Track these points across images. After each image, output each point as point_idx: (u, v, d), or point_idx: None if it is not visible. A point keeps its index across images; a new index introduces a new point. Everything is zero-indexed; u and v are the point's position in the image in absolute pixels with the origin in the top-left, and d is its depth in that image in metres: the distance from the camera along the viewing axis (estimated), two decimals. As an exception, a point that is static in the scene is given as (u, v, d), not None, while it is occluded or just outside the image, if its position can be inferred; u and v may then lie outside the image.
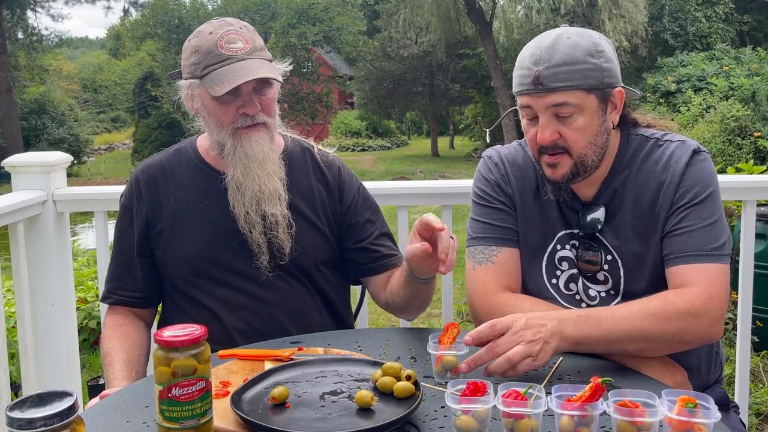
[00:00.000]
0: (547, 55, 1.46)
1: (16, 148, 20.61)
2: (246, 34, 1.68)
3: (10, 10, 25.61)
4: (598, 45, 1.49)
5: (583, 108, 1.48)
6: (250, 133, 1.68)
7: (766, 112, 12.57)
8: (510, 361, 1.29)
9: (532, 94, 1.48)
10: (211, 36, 1.65)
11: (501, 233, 1.64)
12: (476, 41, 25.40)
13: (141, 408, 1.24)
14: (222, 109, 1.66)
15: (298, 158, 1.83)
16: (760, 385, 3.41)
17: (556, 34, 1.50)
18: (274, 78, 1.65)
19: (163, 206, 1.76)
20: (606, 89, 1.49)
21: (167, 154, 1.84)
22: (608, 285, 1.57)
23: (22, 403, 0.88)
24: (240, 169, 1.68)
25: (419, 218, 1.45)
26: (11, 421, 0.84)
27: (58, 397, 0.89)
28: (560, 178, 1.53)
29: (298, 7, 26.41)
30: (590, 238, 1.57)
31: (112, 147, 38.35)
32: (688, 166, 1.51)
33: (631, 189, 1.55)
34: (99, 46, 79.39)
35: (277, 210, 1.70)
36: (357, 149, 29.76)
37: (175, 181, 1.77)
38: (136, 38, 34.63)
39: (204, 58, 1.64)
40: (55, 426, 0.85)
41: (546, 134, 1.49)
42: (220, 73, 1.62)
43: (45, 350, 2.51)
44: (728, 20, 22.30)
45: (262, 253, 1.71)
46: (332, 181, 1.83)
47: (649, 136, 1.60)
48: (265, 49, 1.72)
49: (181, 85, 1.72)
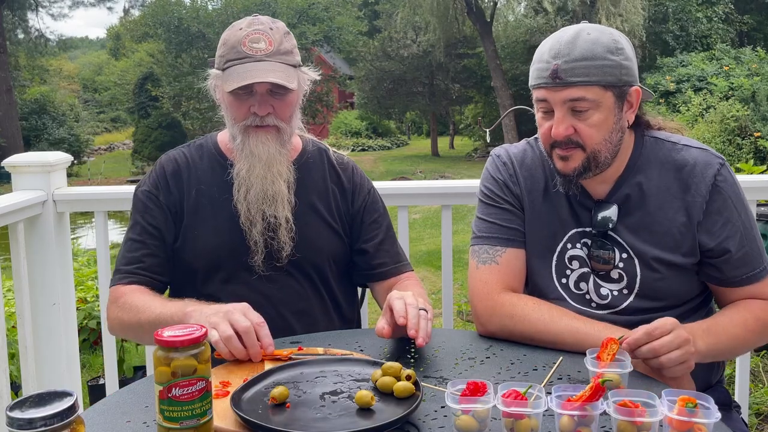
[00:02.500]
0: (566, 49, 1.46)
1: (17, 148, 20.62)
2: (273, 36, 1.69)
3: (10, 10, 25.60)
4: (618, 42, 1.49)
5: (600, 104, 1.47)
6: (258, 133, 1.70)
7: (766, 112, 12.57)
8: (672, 361, 1.33)
9: (549, 87, 1.48)
10: (240, 32, 1.69)
11: (506, 233, 1.63)
12: (476, 41, 25.40)
13: (141, 408, 1.24)
14: (236, 104, 1.69)
15: (316, 159, 1.85)
16: (760, 385, 3.41)
17: (577, 30, 1.50)
18: (279, 82, 1.64)
19: (185, 198, 1.77)
20: (623, 87, 1.49)
21: (190, 147, 1.85)
22: (622, 283, 1.57)
23: (22, 403, 0.88)
24: (245, 166, 1.70)
25: (389, 296, 1.45)
26: (11, 421, 0.84)
27: (58, 397, 0.89)
28: (571, 171, 1.53)
29: (298, 7, 26.41)
30: (603, 236, 1.57)
31: (112, 147, 38.35)
32: (717, 178, 1.53)
33: (652, 191, 1.56)
34: (99, 46, 79.39)
35: (279, 212, 1.70)
36: (357, 149, 29.75)
37: (197, 174, 1.79)
38: (136, 38, 34.63)
39: (228, 52, 1.69)
40: (55, 426, 0.85)
41: (561, 129, 1.49)
42: (236, 70, 1.66)
43: (45, 350, 2.51)
44: (728, 20, 22.31)
45: (257, 251, 1.71)
46: (346, 182, 1.86)
47: (663, 138, 1.60)
48: (292, 54, 1.73)
49: (210, 73, 1.76)
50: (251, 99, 1.68)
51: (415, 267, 1.94)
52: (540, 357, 1.44)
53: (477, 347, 1.50)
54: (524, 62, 24.60)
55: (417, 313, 1.40)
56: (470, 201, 2.77)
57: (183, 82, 25.75)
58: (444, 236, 2.51)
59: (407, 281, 1.81)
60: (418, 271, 1.95)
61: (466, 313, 5.56)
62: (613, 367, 1.24)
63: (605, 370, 1.23)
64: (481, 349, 1.50)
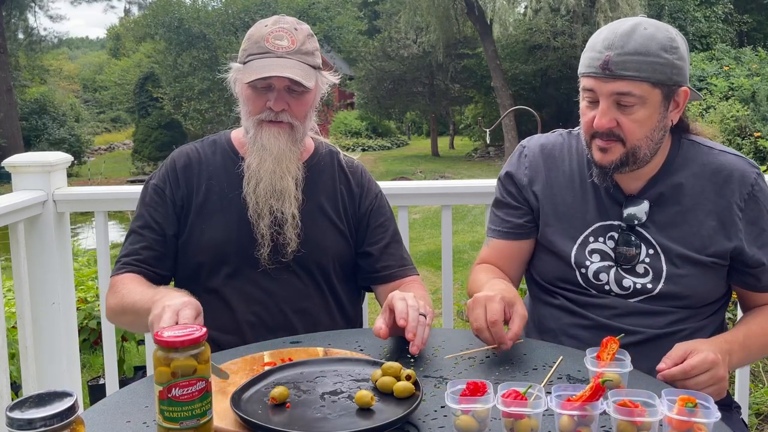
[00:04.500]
0: (621, 41, 1.45)
1: (17, 148, 20.63)
2: (297, 35, 1.72)
3: (9, 11, 25.60)
4: (674, 41, 1.48)
5: (646, 101, 1.47)
6: (271, 128, 1.72)
7: (766, 113, 12.56)
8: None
9: (598, 77, 1.47)
10: (265, 29, 1.72)
11: (505, 226, 1.72)
12: (476, 41, 25.40)
13: (141, 408, 1.24)
14: (253, 97, 1.71)
15: (326, 161, 1.87)
16: (760, 385, 3.41)
17: (634, 23, 1.48)
18: (297, 79, 1.66)
19: (195, 192, 1.78)
20: (673, 86, 1.49)
21: (203, 143, 1.86)
22: (648, 278, 1.57)
23: (22, 403, 0.88)
24: (256, 160, 1.72)
25: (391, 295, 1.46)
26: (11, 421, 0.84)
27: (58, 397, 0.89)
28: (608, 163, 1.53)
29: (298, 7, 26.45)
30: (630, 230, 1.57)
31: (112, 147, 38.34)
32: (755, 188, 1.54)
33: (686, 192, 1.56)
34: (99, 47, 79.41)
35: (286, 208, 1.72)
36: (357, 149, 29.68)
37: (209, 169, 1.80)
38: (137, 38, 34.62)
39: (251, 46, 1.71)
40: (55, 426, 0.85)
41: (604, 120, 1.49)
42: (256, 64, 1.68)
43: (45, 350, 2.51)
44: (728, 20, 22.30)
45: (264, 244, 1.72)
46: (355, 185, 1.87)
47: (700, 142, 1.61)
48: (314, 55, 1.74)
49: (232, 66, 1.77)
50: (269, 94, 1.70)
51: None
52: (540, 357, 1.44)
53: (477, 347, 1.49)
54: (524, 62, 24.61)
55: (417, 317, 1.40)
56: (470, 201, 2.78)
57: (183, 83, 25.77)
58: (444, 236, 2.51)
59: (411, 284, 1.81)
60: (418, 271, 1.95)
61: (465, 313, 5.56)
62: (613, 366, 1.24)
63: (605, 369, 1.23)
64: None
